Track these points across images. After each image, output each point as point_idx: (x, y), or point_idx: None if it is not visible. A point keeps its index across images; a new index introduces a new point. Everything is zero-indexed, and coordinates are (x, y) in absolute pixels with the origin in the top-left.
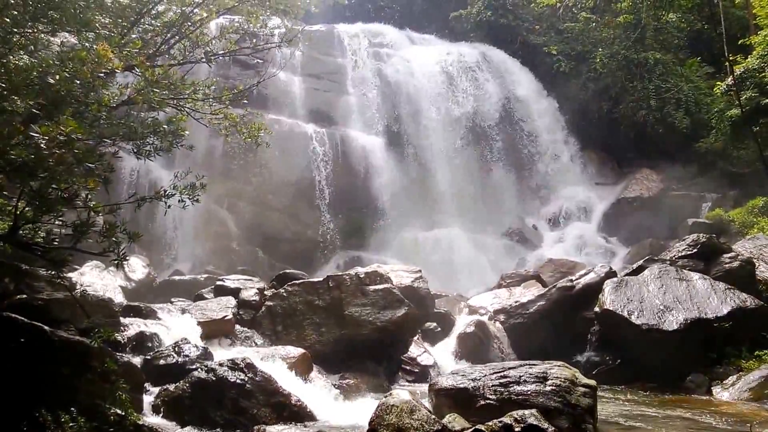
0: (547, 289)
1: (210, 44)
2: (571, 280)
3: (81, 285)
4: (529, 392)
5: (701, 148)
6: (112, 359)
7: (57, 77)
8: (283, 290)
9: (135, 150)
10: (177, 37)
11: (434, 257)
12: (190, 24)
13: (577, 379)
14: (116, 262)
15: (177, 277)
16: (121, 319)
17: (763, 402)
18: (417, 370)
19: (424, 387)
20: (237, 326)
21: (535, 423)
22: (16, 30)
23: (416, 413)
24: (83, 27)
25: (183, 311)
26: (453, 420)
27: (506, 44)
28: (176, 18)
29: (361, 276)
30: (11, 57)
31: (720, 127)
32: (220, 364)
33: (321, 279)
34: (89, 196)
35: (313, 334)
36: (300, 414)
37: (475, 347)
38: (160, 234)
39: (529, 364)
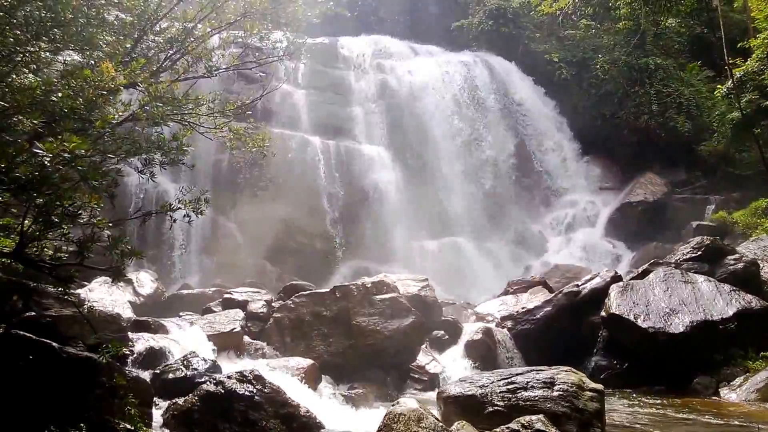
0: (553, 294)
1: (212, 59)
2: (577, 286)
3: (89, 301)
4: (536, 398)
5: (704, 152)
6: (121, 374)
7: (60, 95)
8: (291, 302)
9: (141, 167)
10: (180, 53)
11: (441, 265)
12: (192, 39)
13: (584, 383)
14: (118, 276)
15: (185, 291)
16: (130, 334)
17: None
18: (425, 378)
19: (433, 395)
20: (245, 338)
21: (542, 428)
22: (19, 49)
23: (424, 421)
24: (86, 45)
25: (191, 325)
26: (461, 428)
27: (508, 53)
28: (179, 34)
29: (368, 286)
30: (15, 75)
31: (721, 130)
32: (229, 377)
33: (328, 290)
34: (94, 212)
35: (321, 345)
36: (309, 424)
37: (482, 354)
38: (168, 248)
39: (537, 370)
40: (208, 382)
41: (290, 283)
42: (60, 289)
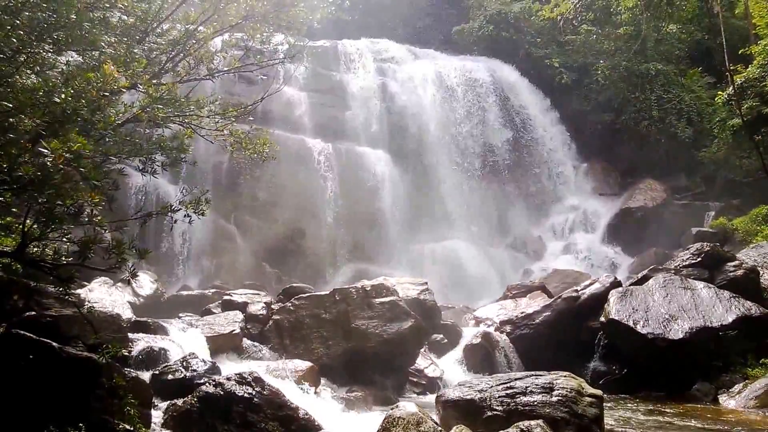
0: (552, 299)
1: (214, 61)
2: (577, 291)
3: (89, 301)
4: (535, 403)
5: (704, 158)
6: (121, 375)
7: (63, 96)
8: (290, 304)
9: (141, 167)
10: (182, 55)
11: (440, 269)
12: (194, 41)
13: (583, 389)
14: (126, 279)
15: (185, 292)
16: (130, 335)
17: None
18: (424, 382)
19: (432, 399)
20: (245, 340)
21: None
22: (22, 50)
23: (423, 425)
24: (89, 46)
25: (191, 326)
26: None
27: (509, 57)
28: (181, 36)
29: (368, 289)
30: (18, 76)
31: (722, 136)
32: (228, 378)
33: (327, 292)
34: (95, 212)
35: (320, 347)
36: (308, 427)
37: (481, 358)
38: (168, 249)
39: (536, 375)
40: (207, 384)
41: (290, 285)
42: (60, 289)
